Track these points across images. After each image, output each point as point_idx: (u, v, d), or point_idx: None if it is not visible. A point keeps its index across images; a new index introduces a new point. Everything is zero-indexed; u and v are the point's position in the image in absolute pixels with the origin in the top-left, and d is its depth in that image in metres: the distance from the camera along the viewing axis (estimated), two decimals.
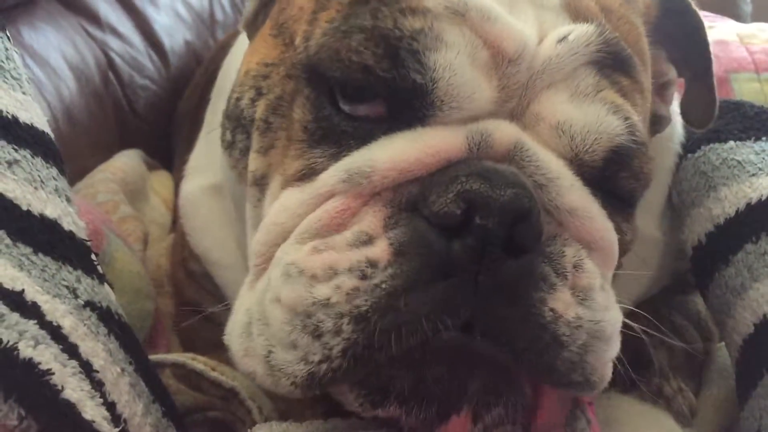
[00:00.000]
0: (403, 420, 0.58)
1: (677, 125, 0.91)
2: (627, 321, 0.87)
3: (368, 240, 0.56)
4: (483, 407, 0.58)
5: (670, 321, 0.90)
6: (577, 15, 0.64)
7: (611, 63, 0.63)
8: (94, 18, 1.35)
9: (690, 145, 0.89)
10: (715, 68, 1.39)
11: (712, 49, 1.45)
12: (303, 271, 0.56)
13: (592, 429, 0.69)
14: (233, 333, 0.62)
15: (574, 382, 0.59)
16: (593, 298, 0.60)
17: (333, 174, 0.59)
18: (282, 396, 0.78)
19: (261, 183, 0.65)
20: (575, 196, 0.61)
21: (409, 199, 0.57)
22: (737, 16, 2.08)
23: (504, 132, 0.60)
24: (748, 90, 1.38)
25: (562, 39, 0.61)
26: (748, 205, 0.80)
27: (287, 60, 0.66)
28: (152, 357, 0.75)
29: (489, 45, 0.59)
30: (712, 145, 0.87)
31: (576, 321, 0.58)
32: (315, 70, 0.62)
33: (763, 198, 0.79)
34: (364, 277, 0.55)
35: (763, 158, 0.83)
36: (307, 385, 0.56)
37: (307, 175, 0.61)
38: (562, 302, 0.57)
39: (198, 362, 0.79)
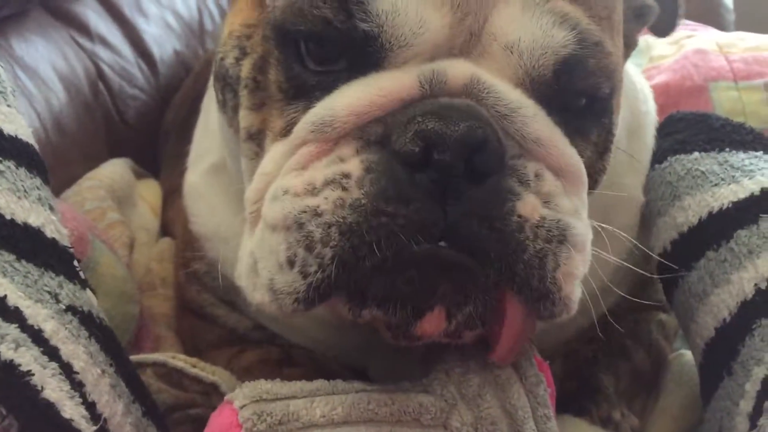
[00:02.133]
0: (383, 320, 0.64)
1: (650, 104, 0.96)
2: (578, 346, 0.90)
3: (342, 161, 0.61)
4: (454, 306, 0.63)
5: (620, 344, 0.93)
6: None
7: None
8: (84, 29, 1.38)
9: (658, 157, 0.91)
10: (695, 77, 1.43)
11: (691, 57, 1.48)
12: (287, 190, 0.62)
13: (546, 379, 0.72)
14: (242, 274, 0.67)
15: (534, 288, 0.62)
16: (557, 203, 0.63)
17: (302, 126, 0.64)
18: None
19: (257, 138, 0.69)
20: (539, 126, 0.64)
21: (375, 138, 0.61)
22: (720, 25, 2.10)
23: (458, 68, 0.63)
24: (726, 98, 1.40)
25: None
26: (710, 213, 0.83)
27: (263, 21, 0.69)
28: (133, 357, 0.78)
29: None
30: (678, 156, 0.90)
31: (540, 222, 0.62)
32: (282, 29, 0.66)
33: (724, 207, 0.82)
34: (344, 189, 0.60)
35: (726, 169, 0.86)
36: (308, 299, 0.61)
37: (288, 130, 0.65)
38: (529, 205, 0.61)
39: (178, 360, 0.81)
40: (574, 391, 0.86)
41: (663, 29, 0.89)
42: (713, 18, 2.14)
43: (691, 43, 1.56)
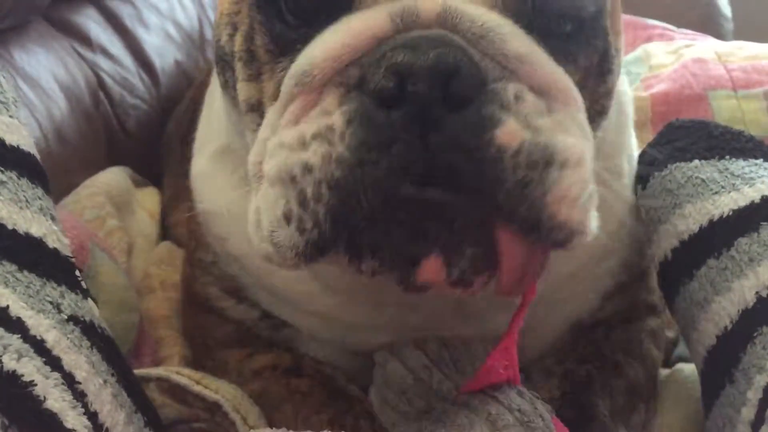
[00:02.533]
0: (381, 270, 0.63)
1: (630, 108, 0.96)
2: (573, 366, 0.90)
3: (326, 113, 0.62)
4: (453, 251, 0.62)
5: (613, 361, 0.92)
6: None
7: None
8: (85, 39, 1.39)
9: (657, 164, 0.92)
10: (694, 86, 1.44)
11: (690, 66, 1.49)
12: (282, 144, 0.63)
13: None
14: (251, 230, 0.67)
15: (522, 217, 0.61)
16: (538, 124, 0.62)
17: (287, 82, 0.64)
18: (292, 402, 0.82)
19: (258, 109, 0.70)
20: (518, 42, 0.63)
21: (354, 81, 0.61)
22: (719, 34, 2.11)
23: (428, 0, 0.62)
24: (726, 107, 1.41)
25: None
26: (711, 221, 0.83)
27: None
28: (137, 371, 0.78)
29: None
30: (678, 163, 0.90)
31: (520, 147, 0.60)
32: None
33: (725, 215, 0.82)
34: (329, 143, 0.60)
35: (726, 176, 0.86)
36: (308, 255, 0.62)
37: (278, 90, 0.66)
38: (508, 132, 0.60)
39: (182, 376, 0.82)
40: (572, 421, 0.85)
41: None
42: (712, 27, 2.15)
43: (690, 52, 1.57)
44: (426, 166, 0.59)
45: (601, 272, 0.91)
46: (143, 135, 1.45)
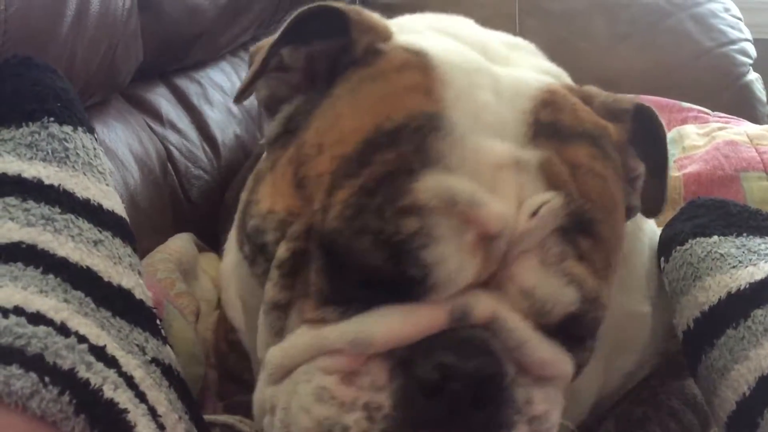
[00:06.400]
0: None
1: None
2: (630, 407, 0.96)
3: (375, 388, 0.69)
4: None
5: (669, 406, 0.98)
6: (550, 178, 0.72)
7: (575, 227, 0.72)
8: (156, 115, 1.50)
9: (680, 239, 0.99)
10: (725, 167, 1.50)
11: (722, 149, 1.55)
12: (334, 398, 0.69)
13: None
14: (265, 423, 0.74)
15: None
16: (543, 421, 0.72)
17: (340, 337, 0.70)
18: None
19: (284, 309, 0.75)
20: (541, 354, 0.72)
21: (402, 360, 0.69)
22: (754, 117, 2.16)
23: (483, 306, 0.70)
24: (757, 188, 1.46)
25: (535, 213, 0.70)
26: (729, 293, 0.90)
27: (306, 217, 0.74)
28: (206, 417, 0.86)
29: (475, 227, 0.69)
30: (698, 239, 0.97)
31: None
32: (331, 243, 0.71)
33: (742, 288, 0.89)
34: (371, 419, 0.67)
35: (743, 252, 0.93)
36: None
37: (319, 323, 0.72)
38: None
39: (245, 425, 0.90)
40: None
41: (650, 211, 0.91)
42: (747, 110, 2.21)
43: (722, 134, 1.63)
44: None
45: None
46: (205, 203, 1.54)
